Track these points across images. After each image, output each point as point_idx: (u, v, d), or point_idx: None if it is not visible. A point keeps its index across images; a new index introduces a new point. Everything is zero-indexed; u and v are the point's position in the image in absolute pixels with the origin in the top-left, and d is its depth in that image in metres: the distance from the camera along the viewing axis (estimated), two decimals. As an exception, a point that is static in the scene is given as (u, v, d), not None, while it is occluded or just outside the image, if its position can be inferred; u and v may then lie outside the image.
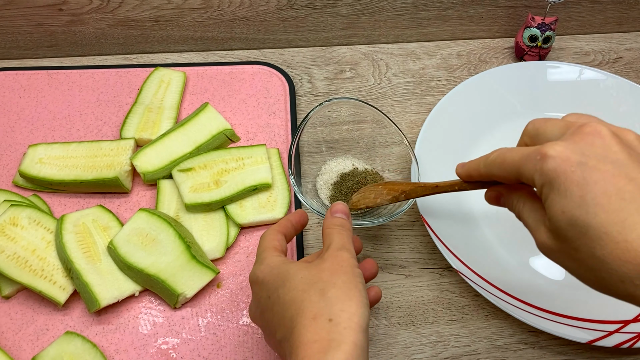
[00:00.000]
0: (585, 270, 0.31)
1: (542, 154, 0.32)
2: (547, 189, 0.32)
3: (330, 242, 0.40)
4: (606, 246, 0.29)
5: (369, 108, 0.56)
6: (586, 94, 0.65)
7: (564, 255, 0.32)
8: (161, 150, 0.57)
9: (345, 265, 0.37)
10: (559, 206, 0.31)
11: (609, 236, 0.29)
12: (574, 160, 0.31)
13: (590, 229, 0.30)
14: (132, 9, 0.67)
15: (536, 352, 0.50)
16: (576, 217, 0.30)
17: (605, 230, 0.29)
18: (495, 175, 0.37)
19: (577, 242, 0.30)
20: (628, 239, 0.28)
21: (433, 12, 0.71)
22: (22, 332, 0.49)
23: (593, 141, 0.32)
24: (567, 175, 0.31)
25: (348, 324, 0.33)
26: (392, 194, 0.48)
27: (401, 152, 0.57)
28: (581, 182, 0.30)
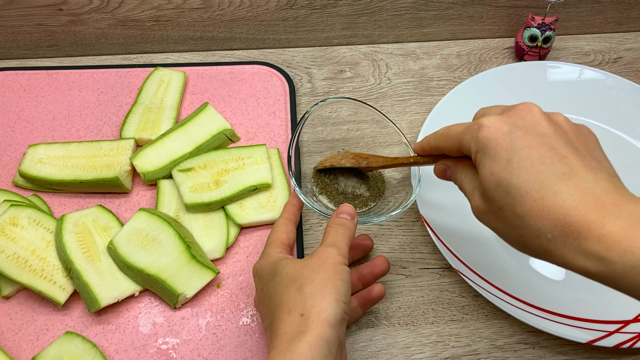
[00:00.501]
0: (509, 229, 0.35)
1: (479, 124, 0.36)
2: (480, 154, 0.36)
3: (325, 239, 0.43)
4: (525, 203, 0.33)
5: (366, 108, 0.56)
6: (586, 94, 0.65)
7: (492, 216, 0.36)
8: (161, 150, 0.57)
9: (329, 262, 0.40)
10: (488, 169, 0.35)
11: (528, 194, 0.33)
12: (505, 129, 0.35)
13: (513, 188, 0.33)
14: (132, 9, 0.67)
15: (536, 352, 0.50)
16: (502, 177, 0.34)
17: (525, 189, 0.33)
18: (442, 147, 0.41)
19: (501, 202, 0.34)
20: (544, 196, 0.32)
21: (433, 12, 0.71)
22: (22, 332, 0.49)
23: (524, 116, 0.36)
24: (497, 142, 0.35)
25: (316, 318, 0.36)
26: (356, 159, 0.52)
27: (401, 152, 0.57)
28: (509, 147, 0.34)
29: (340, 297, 0.38)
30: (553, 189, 0.32)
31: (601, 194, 0.31)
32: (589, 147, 0.36)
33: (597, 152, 0.36)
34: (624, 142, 0.62)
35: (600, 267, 0.30)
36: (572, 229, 0.31)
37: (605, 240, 0.30)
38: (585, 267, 0.31)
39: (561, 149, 0.34)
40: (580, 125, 0.38)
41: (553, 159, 0.33)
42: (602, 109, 0.64)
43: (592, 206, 0.31)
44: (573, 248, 0.31)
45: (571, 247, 0.31)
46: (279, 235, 0.47)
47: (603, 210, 0.31)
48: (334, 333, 0.37)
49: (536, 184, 0.32)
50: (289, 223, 0.48)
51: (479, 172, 0.36)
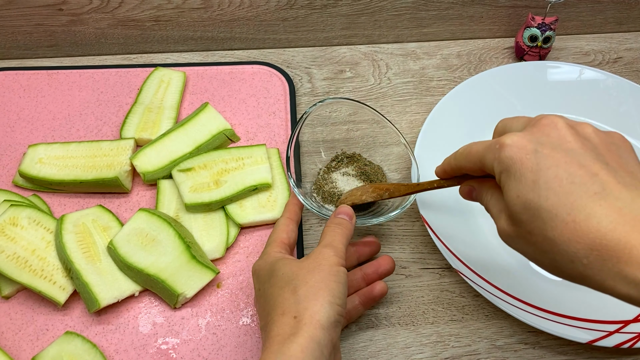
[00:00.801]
0: (540, 253, 0.33)
1: (501, 143, 0.34)
2: (504, 176, 0.34)
3: (322, 239, 0.43)
4: (557, 227, 0.31)
5: (365, 108, 0.56)
6: (586, 94, 0.65)
7: (521, 240, 0.34)
8: (161, 150, 0.57)
9: (324, 264, 0.40)
10: (514, 191, 0.33)
11: (559, 217, 0.30)
12: (529, 148, 0.33)
13: (542, 211, 0.31)
14: (132, 9, 0.67)
15: (536, 352, 0.50)
16: (529, 200, 0.32)
17: (555, 212, 0.31)
18: (463, 167, 0.39)
19: (531, 225, 0.32)
20: (576, 219, 0.30)
21: (433, 12, 0.71)
22: (22, 332, 0.49)
23: (549, 132, 0.34)
24: (522, 162, 0.33)
25: (309, 320, 0.36)
26: (377, 192, 0.50)
27: (401, 152, 0.57)
28: (535, 167, 0.32)
29: (335, 299, 0.38)
30: (585, 210, 0.30)
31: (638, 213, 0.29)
32: (621, 160, 0.33)
33: (632, 163, 0.33)
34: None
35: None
36: (610, 254, 0.29)
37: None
38: (628, 294, 0.29)
39: (591, 166, 0.31)
40: (611, 134, 0.35)
41: (583, 177, 0.31)
42: (602, 109, 0.64)
43: (631, 228, 0.29)
44: (612, 273, 0.29)
45: (610, 272, 0.29)
46: (280, 234, 0.47)
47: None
48: (327, 335, 0.37)
49: (567, 206, 0.30)
50: (290, 222, 0.48)
51: (505, 194, 0.34)
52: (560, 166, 0.31)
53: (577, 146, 0.33)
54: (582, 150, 0.32)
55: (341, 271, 0.40)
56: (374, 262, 0.50)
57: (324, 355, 0.36)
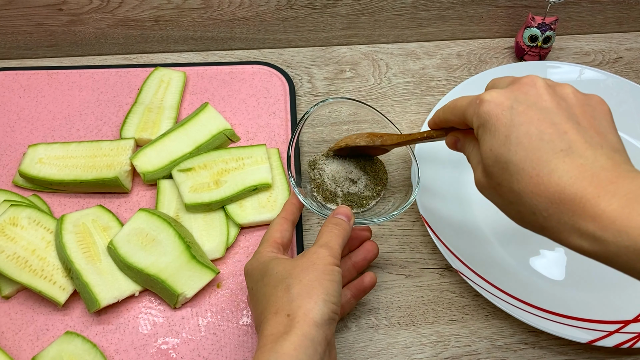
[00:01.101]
0: (507, 204, 0.35)
1: (481, 99, 0.36)
2: (481, 130, 0.36)
3: (319, 239, 0.43)
4: (522, 180, 0.32)
5: (366, 108, 0.56)
6: (586, 94, 0.65)
7: (492, 191, 0.36)
8: (161, 150, 0.57)
9: (318, 263, 0.40)
10: (488, 144, 0.35)
11: (525, 171, 0.32)
12: (506, 104, 0.34)
13: (511, 165, 0.33)
14: (132, 9, 0.67)
15: (536, 352, 0.50)
16: (500, 154, 0.34)
17: (522, 166, 0.32)
18: (449, 119, 0.41)
19: (500, 178, 0.34)
20: (540, 174, 0.32)
21: (433, 12, 0.71)
22: (22, 332, 0.49)
23: (527, 90, 0.35)
24: (497, 117, 0.34)
25: (302, 318, 0.36)
26: (371, 137, 0.52)
27: (401, 151, 0.57)
28: (508, 123, 0.34)
29: (328, 297, 0.38)
30: (549, 166, 0.32)
31: (598, 171, 0.31)
32: (594, 120, 0.34)
33: (604, 124, 0.35)
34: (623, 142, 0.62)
35: (595, 247, 0.30)
36: (567, 207, 0.31)
37: (600, 220, 0.29)
38: (580, 246, 0.31)
39: (562, 125, 0.33)
40: (590, 96, 0.36)
41: (552, 135, 0.32)
42: (602, 109, 0.64)
43: (588, 184, 0.30)
44: (568, 226, 0.31)
45: (566, 225, 0.31)
46: (273, 234, 0.47)
47: (599, 188, 0.30)
48: (321, 333, 0.37)
49: (533, 161, 0.32)
50: (285, 222, 0.48)
51: (480, 147, 0.36)
52: (532, 123, 0.33)
53: (552, 105, 0.34)
54: (556, 109, 0.34)
55: (335, 270, 0.40)
56: (361, 249, 0.50)
57: (317, 352, 0.36)
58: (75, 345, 0.47)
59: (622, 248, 0.29)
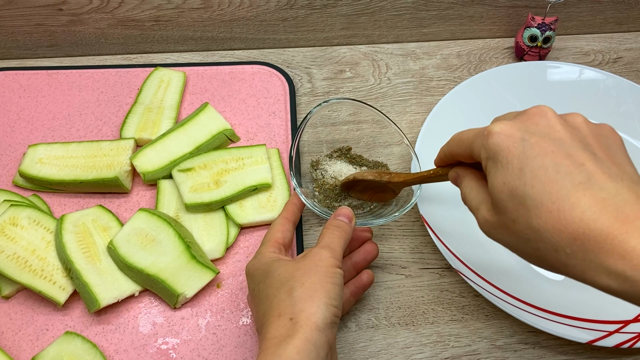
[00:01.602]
0: (523, 243, 0.33)
1: (489, 130, 0.34)
2: (490, 163, 0.34)
3: (320, 240, 0.43)
4: (541, 215, 0.30)
5: (368, 108, 0.56)
6: (586, 94, 0.65)
7: (504, 229, 0.33)
8: (161, 150, 0.57)
9: (321, 265, 0.40)
10: (500, 178, 0.33)
11: (543, 206, 0.30)
12: (517, 136, 0.33)
13: (527, 199, 0.31)
14: (132, 9, 0.67)
15: (536, 352, 0.50)
16: (515, 187, 0.32)
17: (540, 200, 0.30)
18: (455, 153, 0.40)
19: (515, 214, 0.32)
20: (560, 208, 0.30)
21: (433, 12, 0.71)
22: (22, 332, 0.49)
23: (538, 121, 0.33)
24: (509, 150, 0.32)
25: (305, 322, 0.36)
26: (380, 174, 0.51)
27: (402, 151, 0.57)
28: (521, 155, 0.32)
29: (331, 300, 0.38)
30: (570, 200, 0.30)
31: (623, 205, 0.29)
32: (609, 151, 0.33)
33: (620, 155, 0.33)
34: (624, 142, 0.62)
35: (625, 286, 0.28)
36: (592, 244, 0.29)
37: (630, 258, 0.27)
38: (608, 285, 0.29)
39: (578, 156, 0.31)
40: (602, 126, 0.35)
41: (569, 167, 0.31)
42: (602, 109, 0.64)
43: (614, 219, 0.29)
44: (594, 264, 0.29)
45: (592, 263, 0.29)
46: (275, 234, 0.47)
47: (626, 224, 0.28)
48: (323, 337, 0.37)
49: (552, 195, 0.30)
50: (286, 222, 0.48)
51: (490, 182, 0.34)
52: (547, 155, 0.31)
53: (566, 136, 0.32)
54: (570, 139, 0.32)
55: (337, 273, 0.40)
56: (361, 250, 0.50)
57: (320, 356, 0.36)
58: (75, 345, 0.47)
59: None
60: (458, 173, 0.41)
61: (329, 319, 0.37)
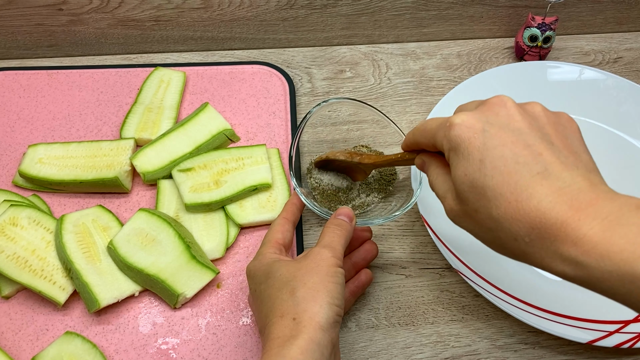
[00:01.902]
0: (485, 232, 0.34)
1: (451, 122, 0.34)
2: (452, 154, 0.34)
3: (321, 239, 0.43)
4: (500, 206, 0.31)
5: (368, 108, 0.56)
6: (586, 94, 0.65)
7: (467, 218, 0.35)
8: (161, 150, 0.57)
9: (322, 265, 0.40)
10: (462, 169, 0.33)
11: (503, 197, 0.31)
12: (477, 127, 0.33)
13: (488, 190, 0.32)
14: (132, 9, 0.67)
15: (536, 352, 0.50)
16: (476, 179, 0.32)
17: (500, 191, 0.31)
18: (420, 142, 0.40)
19: (476, 204, 0.33)
20: (519, 199, 0.31)
21: (433, 12, 0.71)
22: (21, 332, 0.49)
23: (498, 111, 0.34)
24: (470, 141, 0.33)
25: (308, 322, 0.36)
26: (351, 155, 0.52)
27: (401, 152, 0.57)
28: (481, 147, 0.32)
29: (333, 300, 0.38)
30: (528, 190, 0.31)
31: (577, 193, 0.30)
32: (566, 140, 0.34)
33: (576, 144, 0.34)
34: (624, 142, 0.62)
35: (578, 272, 0.29)
36: (548, 233, 0.30)
37: (582, 245, 0.28)
38: (563, 271, 0.30)
39: (536, 146, 0.32)
40: (559, 114, 0.36)
41: (527, 157, 0.31)
42: (602, 109, 0.64)
43: (568, 207, 0.30)
44: (550, 252, 0.30)
45: (548, 250, 0.30)
46: (275, 234, 0.47)
47: (579, 211, 0.29)
48: (327, 337, 0.37)
49: (510, 186, 0.31)
50: (286, 222, 0.48)
51: (452, 172, 0.34)
52: (506, 146, 0.32)
53: (524, 125, 0.33)
54: (528, 129, 0.33)
55: (339, 272, 0.40)
56: (360, 249, 0.51)
57: (324, 356, 0.36)
58: (75, 345, 0.47)
59: (606, 273, 0.28)
60: (424, 160, 0.41)
61: (332, 318, 0.38)
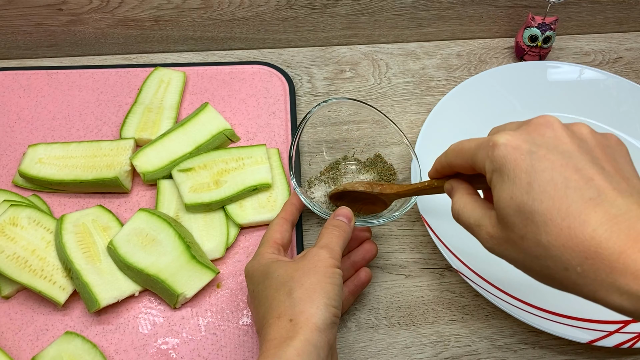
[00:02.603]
0: (531, 260, 0.31)
1: (494, 141, 0.33)
2: (496, 175, 0.32)
3: (319, 240, 0.43)
4: (551, 232, 0.29)
5: (368, 108, 0.56)
6: (586, 94, 0.65)
7: (510, 245, 0.32)
8: (161, 150, 0.57)
9: (319, 265, 0.40)
10: (507, 192, 0.31)
11: (553, 222, 0.29)
12: (524, 148, 0.31)
13: (537, 215, 0.30)
14: (132, 8, 0.67)
15: (536, 352, 0.50)
16: (523, 202, 0.30)
17: (550, 216, 0.29)
18: (454, 164, 0.38)
19: (523, 230, 0.31)
20: (571, 225, 0.29)
21: (433, 12, 0.71)
22: (21, 332, 0.49)
23: (544, 132, 0.32)
24: (516, 163, 0.31)
25: (305, 323, 0.36)
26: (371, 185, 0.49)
27: (402, 151, 0.57)
28: (529, 169, 0.31)
29: (330, 301, 0.38)
30: (581, 216, 0.29)
31: (635, 222, 0.28)
32: (617, 164, 0.32)
33: (627, 168, 0.32)
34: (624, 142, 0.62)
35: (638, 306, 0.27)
36: (604, 263, 0.28)
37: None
38: (620, 305, 0.28)
39: (587, 170, 0.30)
40: (608, 136, 0.34)
41: (578, 182, 0.30)
42: (602, 109, 0.64)
43: (626, 237, 0.28)
44: (606, 284, 0.28)
45: (604, 282, 0.28)
46: (273, 235, 0.47)
47: (638, 242, 0.27)
48: (323, 338, 0.37)
49: (562, 211, 0.29)
50: (284, 223, 0.48)
51: (496, 196, 0.32)
52: (555, 169, 0.30)
53: (573, 148, 0.31)
54: (578, 152, 0.31)
55: (336, 273, 0.40)
56: (360, 249, 0.50)
57: (320, 357, 0.36)
58: (75, 346, 0.47)
59: None
60: (452, 185, 0.39)
61: (329, 319, 0.37)
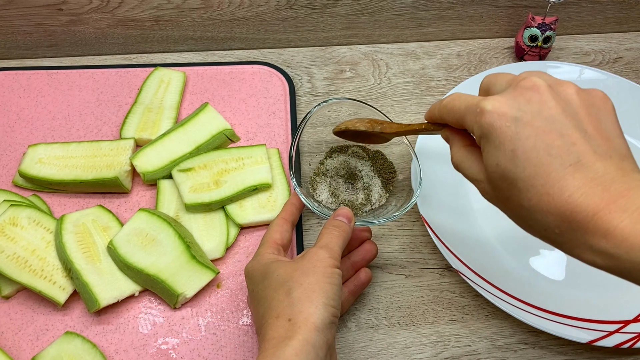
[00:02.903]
0: (517, 218, 0.34)
1: (481, 108, 0.34)
2: (484, 141, 0.34)
3: (319, 240, 0.43)
4: (532, 198, 0.32)
5: (368, 108, 0.56)
6: (586, 93, 0.65)
7: (500, 203, 0.35)
8: (161, 150, 0.57)
9: (319, 265, 0.40)
10: (494, 159, 0.33)
11: (534, 189, 0.31)
12: (509, 115, 0.33)
13: (519, 182, 0.32)
14: (132, 8, 0.67)
15: (536, 352, 0.50)
16: (508, 170, 0.32)
17: (531, 183, 0.31)
18: (446, 119, 0.39)
19: (508, 193, 0.33)
20: (550, 191, 0.31)
21: (433, 12, 0.71)
22: (21, 332, 0.49)
23: (531, 96, 0.33)
24: (502, 130, 0.33)
25: (303, 323, 0.37)
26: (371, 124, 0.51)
27: (402, 151, 0.57)
28: (514, 137, 0.32)
29: (329, 301, 0.38)
30: (560, 182, 0.31)
31: (609, 184, 0.30)
32: (600, 124, 0.33)
33: (610, 127, 0.33)
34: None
35: (609, 263, 0.29)
36: (578, 225, 0.30)
37: (612, 237, 0.29)
38: (594, 261, 0.30)
39: (570, 136, 0.31)
40: (593, 93, 0.34)
41: (560, 149, 0.31)
42: (602, 109, 0.64)
43: (599, 199, 0.30)
44: (580, 243, 0.30)
45: (578, 242, 0.30)
46: (273, 235, 0.47)
47: (610, 203, 0.29)
48: (322, 338, 0.37)
49: (542, 178, 0.31)
50: (284, 223, 0.48)
51: (485, 159, 0.34)
52: (539, 136, 0.32)
53: (558, 112, 0.32)
54: (562, 116, 0.32)
55: (335, 273, 0.40)
56: (360, 249, 0.50)
57: (319, 357, 0.36)
58: (75, 345, 0.47)
59: (635, 264, 0.28)
60: (448, 136, 0.41)
61: (328, 319, 0.37)
